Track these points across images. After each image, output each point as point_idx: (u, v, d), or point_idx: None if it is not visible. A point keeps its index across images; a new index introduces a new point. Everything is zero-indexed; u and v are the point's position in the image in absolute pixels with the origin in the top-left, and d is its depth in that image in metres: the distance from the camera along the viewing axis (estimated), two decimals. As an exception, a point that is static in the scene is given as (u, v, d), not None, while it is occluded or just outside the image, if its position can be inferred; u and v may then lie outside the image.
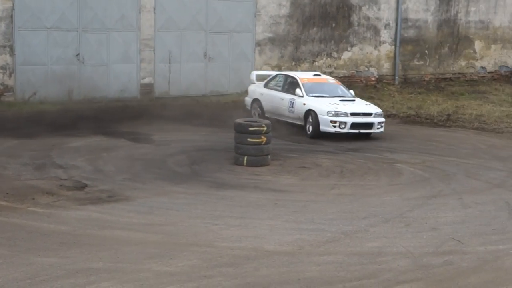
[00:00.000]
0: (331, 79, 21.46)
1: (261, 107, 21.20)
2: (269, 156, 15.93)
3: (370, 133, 19.45)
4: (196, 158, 16.29)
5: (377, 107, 20.00)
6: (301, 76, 21.07)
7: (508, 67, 33.78)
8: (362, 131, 19.01)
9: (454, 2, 31.76)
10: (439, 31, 31.54)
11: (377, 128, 19.19)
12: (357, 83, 28.66)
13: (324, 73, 27.65)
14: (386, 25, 29.79)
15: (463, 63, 32.60)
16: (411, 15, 30.53)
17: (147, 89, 23.99)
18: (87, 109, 21.76)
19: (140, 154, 16.50)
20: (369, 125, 19.10)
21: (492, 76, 33.13)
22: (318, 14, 27.84)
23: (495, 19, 33.33)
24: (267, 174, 15.09)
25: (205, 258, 10.03)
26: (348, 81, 28.35)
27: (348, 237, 11.25)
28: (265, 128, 15.73)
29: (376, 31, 29.58)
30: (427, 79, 30.98)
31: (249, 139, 15.61)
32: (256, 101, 21.57)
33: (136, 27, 23.58)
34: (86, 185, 13.63)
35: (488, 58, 33.42)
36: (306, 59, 27.75)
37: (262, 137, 15.69)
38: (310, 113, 19.30)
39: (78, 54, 22.64)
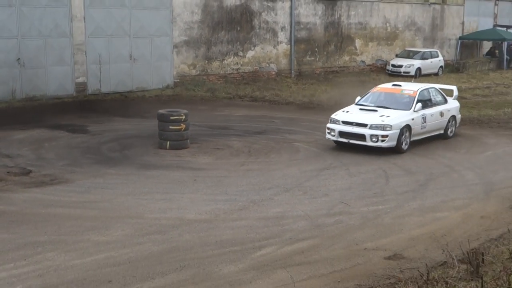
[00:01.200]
0: (408, 90, 16.77)
1: None
2: (188, 141, 15.93)
3: (366, 146, 15.58)
4: (126, 144, 16.14)
5: (391, 121, 15.46)
6: (381, 85, 18.40)
7: (383, 60, 34.70)
8: (351, 141, 15.65)
9: (337, 7, 32.32)
10: (326, 32, 32.04)
11: (373, 141, 15.39)
12: (260, 77, 28.90)
13: (233, 69, 27.90)
14: (283, 28, 30.06)
15: (346, 58, 33.28)
16: (303, 19, 30.89)
17: (81, 87, 23.51)
18: (29, 106, 21.23)
19: (77, 143, 16.24)
20: (361, 137, 15.51)
21: (370, 68, 33.99)
22: (225, 19, 27.82)
23: (371, 21, 34.15)
24: (187, 156, 15.10)
25: (137, 228, 10.06)
26: (253, 76, 28.66)
27: (256, 205, 11.45)
28: (183, 117, 15.73)
29: (274, 33, 29.80)
30: (317, 72, 31.45)
31: (170, 127, 15.60)
32: None
33: (69, 34, 23.02)
34: (30, 171, 13.37)
35: (367, 53, 34.25)
36: (217, 58, 27.70)
37: (182, 124, 15.69)
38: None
39: (19, 58, 21.95)
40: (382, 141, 15.36)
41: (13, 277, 8.13)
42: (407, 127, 15.84)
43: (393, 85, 17.52)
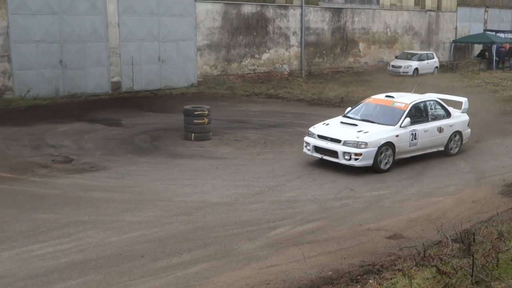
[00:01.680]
0: (399, 103, 13.68)
1: None
2: (210, 133, 15.94)
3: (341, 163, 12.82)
4: (155, 136, 16.18)
5: (367, 138, 12.63)
6: (374, 96, 14.78)
7: (383, 61, 34.48)
8: (325, 157, 13.01)
9: (343, 14, 32.15)
10: (333, 36, 31.89)
11: (346, 159, 12.58)
12: (274, 77, 28.85)
13: (250, 70, 27.88)
14: (294, 33, 29.95)
15: (351, 59, 33.12)
16: (312, 25, 30.75)
17: (116, 86, 23.60)
18: (70, 102, 21.35)
19: (113, 135, 16.29)
20: (334, 153, 12.76)
21: (372, 69, 33.76)
22: (243, 25, 27.78)
23: (373, 26, 33.93)
24: (209, 146, 15.11)
25: (165, 210, 10.10)
26: (268, 76, 28.61)
27: (271, 190, 11.46)
28: (206, 112, 15.74)
29: (287, 37, 29.71)
30: (325, 72, 31.34)
31: (195, 121, 15.62)
32: None
33: (105, 38, 23.10)
34: (72, 159, 13.46)
35: (369, 55, 34.04)
36: (235, 60, 27.68)
37: (205, 118, 15.71)
38: None
39: (62, 60, 22.08)
40: (356, 159, 12.49)
41: (58, 252, 8.23)
42: (389, 145, 12.86)
43: (386, 96, 14.37)
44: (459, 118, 14.76)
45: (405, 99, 14.01)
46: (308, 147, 13.38)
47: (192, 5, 25.68)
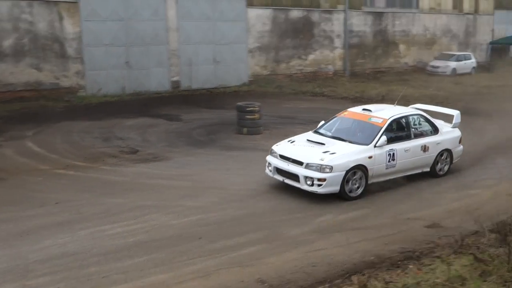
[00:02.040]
0: (376, 118, 10.95)
1: None
2: (261, 127, 15.96)
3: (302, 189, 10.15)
4: (211, 130, 16.32)
5: (333, 161, 9.94)
6: (350, 109, 11.93)
7: (422, 62, 33.72)
8: (286, 181, 10.32)
9: (384, 18, 31.62)
10: (374, 38, 31.40)
11: (308, 185, 9.92)
12: (319, 76, 28.63)
13: (297, 70, 27.79)
14: (338, 35, 29.64)
15: (392, 60, 32.54)
16: (355, 28, 30.35)
17: (175, 84, 23.92)
18: (135, 99, 21.74)
19: (173, 129, 16.53)
20: (295, 177, 10.09)
21: (412, 69, 33.11)
22: (290, 29, 27.67)
23: (413, 29, 33.24)
24: (260, 140, 15.11)
25: (221, 197, 10.20)
26: (313, 75, 28.43)
27: (317, 180, 11.38)
28: (257, 108, 15.77)
29: (331, 40, 29.43)
30: (367, 72, 30.87)
31: (247, 116, 15.68)
32: None
33: (165, 41, 23.45)
34: (138, 150, 13.72)
35: (409, 56, 33.37)
36: (283, 61, 27.61)
37: (256, 114, 15.75)
38: None
39: (127, 61, 22.54)
40: (319, 185, 9.84)
41: (126, 232, 8.46)
42: (360, 168, 10.19)
43: (363, 109, 11.53)
44: (448, 134, 11.94)
45: (384, 114, 11.20)
46: (269, 168, 10.74)
47: (244, 11, 25.75)
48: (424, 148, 11.31)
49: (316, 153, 10.26)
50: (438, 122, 12.04)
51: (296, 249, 8.01)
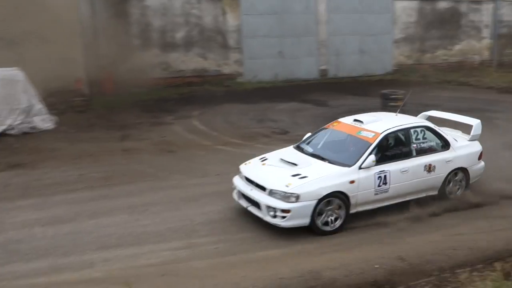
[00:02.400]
0: (367, 132, 8.24)
1: None
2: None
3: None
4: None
5: (302, 188, 7.38)
6: (341, 119, 9.23)
7: None
8: (249, 208, 7.85)
9: (539, 7, 28.37)
10: (526, 28, 28.36)
11: (271, 216, 7.45)
12: (464, 66, 26.54)
13: (442, 60, 26.11)
14: (486, 26, 27.23)
15: (544, 50, 29.15)
16: (505, 18, 27.63)
17: (323, 73, 23.78)
18: (287, 86, 21.86)
19: (320, 113, 16.45)
20: (257, 205, 7.66)
21: None
22: (436, 20, 25.97)
23: None
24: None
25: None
26: (458, 65, 26.46)
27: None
28: (401, 96, 15.13)
29: (479, 30, 27.10)
30: (516, 62, 28.08)
31: (390, 103, 15.13)
32: None
33: (315, 33, 23.37)
34: (288, 132, 13.90)
35: None
36: (428, 51, 26.06)
37: (399, 101, 15.09)
38: None
39: (280, 51, 22.87)
40: (282, 217, 7.34)
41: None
42: (338, 196, 7.59)
43: (354, 120, 8.80)
44: (463, 149, 8.92)
45: (378, 126, 8.39)
46: (234, 189, 8.34)
47: (391, 3, 24.71)
48: (429, 168, 8.42)
49: (283, 176, 7.64)
50: (452, 134, 9.19)
51: (437, 232, 7.63)
